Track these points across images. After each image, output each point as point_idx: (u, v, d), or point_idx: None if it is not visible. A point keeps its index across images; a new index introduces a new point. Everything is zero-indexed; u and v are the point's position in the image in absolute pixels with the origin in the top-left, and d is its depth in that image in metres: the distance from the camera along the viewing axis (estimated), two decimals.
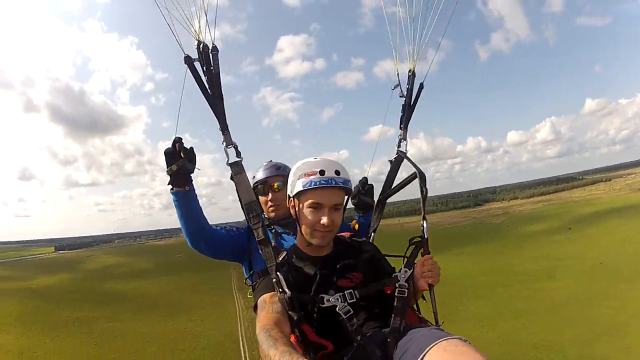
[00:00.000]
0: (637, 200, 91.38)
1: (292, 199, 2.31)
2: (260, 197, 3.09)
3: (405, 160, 3.01)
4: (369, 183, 3.21)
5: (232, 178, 2.47)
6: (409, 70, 3.10)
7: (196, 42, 2.30)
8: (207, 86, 2.34)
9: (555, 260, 47.97)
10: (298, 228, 2.34)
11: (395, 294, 2.19)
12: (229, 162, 2.42)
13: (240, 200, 2.48)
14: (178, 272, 63.04)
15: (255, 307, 2.20)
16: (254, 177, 3.13)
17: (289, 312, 2.03)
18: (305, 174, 2.21)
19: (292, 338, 2.00)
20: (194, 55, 2.33)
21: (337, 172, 2.21)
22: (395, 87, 3.13)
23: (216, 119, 2.38)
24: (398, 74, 3.14)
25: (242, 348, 25.88)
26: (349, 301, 2.13)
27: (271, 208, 3.08)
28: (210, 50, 2.32)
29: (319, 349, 2.07)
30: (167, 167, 2.48)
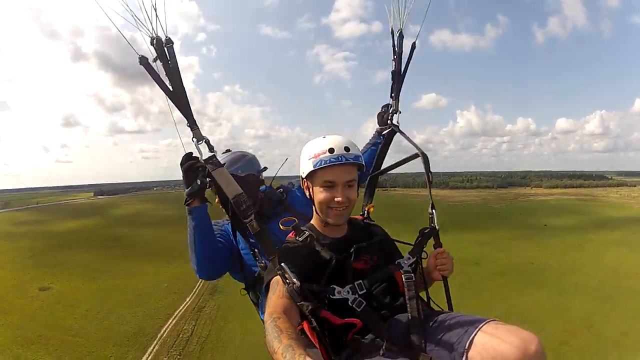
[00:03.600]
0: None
1: (304, 180, 2.29)
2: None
3: (399, 134, 2.90)
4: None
5: (208, 175, 2.35)
6: (398, 31, 2.90)
7: (149, 38, 2.16)
8: (167, 83, 2.19)
9: (480, 251, 49.66)
10: (313, 209, 2.32)
11: (404, 281, 2.15)
12: (203, 158, 2.29)
13: (220, 196, 2.61)
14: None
15: (267, 288, 2.10)
16: None
17: (299, 303, 1.92)
18: (314, 154, 2.17)
19: (306, 325, 1.93)
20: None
21: (347, 149, 2.17)
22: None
23: (182, 115, 2.24)
24: (393, 33, 2.90)
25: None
26: (360, 292, 2.07)
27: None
28: (164, 44, 2.18)
29: (347, 330, 2.01)
30: (190, 185, 2.42)
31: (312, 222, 2.44)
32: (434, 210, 2.43)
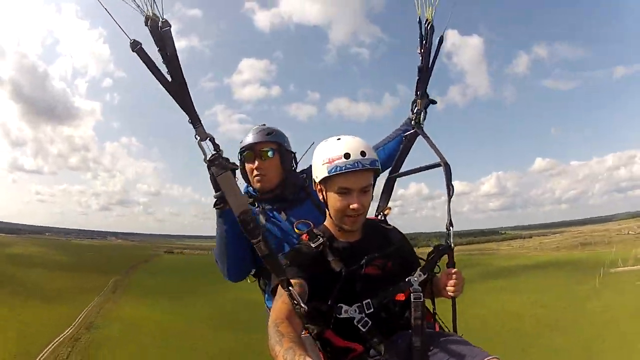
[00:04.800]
0: (525, 261, 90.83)
1: (317, 183, 2.23)
2: (246, 164, 2.78)
3: (421, 137, 2.73)
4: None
5: (212, 178, 2.08)
6: (426, 21, 2.70)
7: (144, 18, 1.87)
8: (163, 72, 1.93)
9: None
10: (327, 212, 2.28)
11: (412, 300, 2.06)
12: (207, 159, 2.01)
13: (229, 207, 2.04)
14: (77, 270, 76.50)
15: (275, 290, 2.06)
16: (241, 142, 2.75)
17: (306, 325, 1.95)
18: (329, 159, 2.10)
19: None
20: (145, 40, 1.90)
21: (363, 153, 2.10)
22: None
23: (183, 111, 1.98)
24: (420, 22, 2.68)
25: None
26: (367, 311, 2.03)
27: (257, 177, 2.74)
28: (160, 27, 1.89)
29: (347, 352, 2.03)
30: (220, 189, 2.12)
31: (326, 224, 2.37)
32: (451, 227, 2.35)
